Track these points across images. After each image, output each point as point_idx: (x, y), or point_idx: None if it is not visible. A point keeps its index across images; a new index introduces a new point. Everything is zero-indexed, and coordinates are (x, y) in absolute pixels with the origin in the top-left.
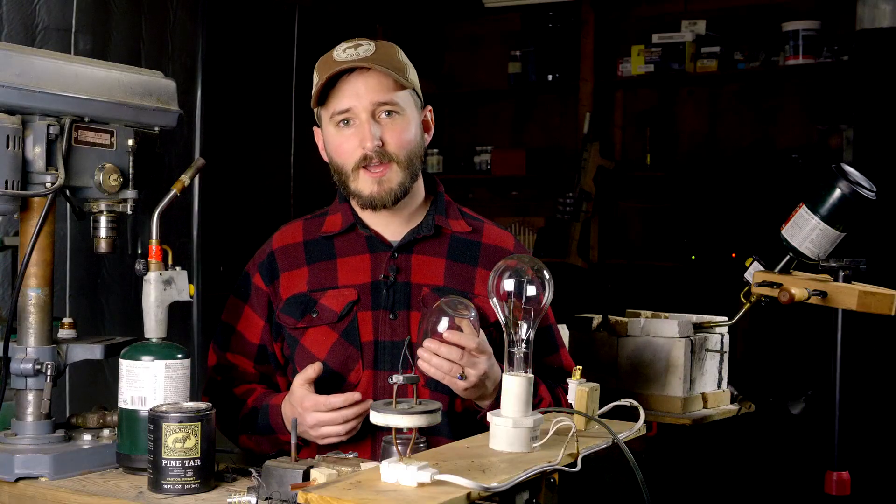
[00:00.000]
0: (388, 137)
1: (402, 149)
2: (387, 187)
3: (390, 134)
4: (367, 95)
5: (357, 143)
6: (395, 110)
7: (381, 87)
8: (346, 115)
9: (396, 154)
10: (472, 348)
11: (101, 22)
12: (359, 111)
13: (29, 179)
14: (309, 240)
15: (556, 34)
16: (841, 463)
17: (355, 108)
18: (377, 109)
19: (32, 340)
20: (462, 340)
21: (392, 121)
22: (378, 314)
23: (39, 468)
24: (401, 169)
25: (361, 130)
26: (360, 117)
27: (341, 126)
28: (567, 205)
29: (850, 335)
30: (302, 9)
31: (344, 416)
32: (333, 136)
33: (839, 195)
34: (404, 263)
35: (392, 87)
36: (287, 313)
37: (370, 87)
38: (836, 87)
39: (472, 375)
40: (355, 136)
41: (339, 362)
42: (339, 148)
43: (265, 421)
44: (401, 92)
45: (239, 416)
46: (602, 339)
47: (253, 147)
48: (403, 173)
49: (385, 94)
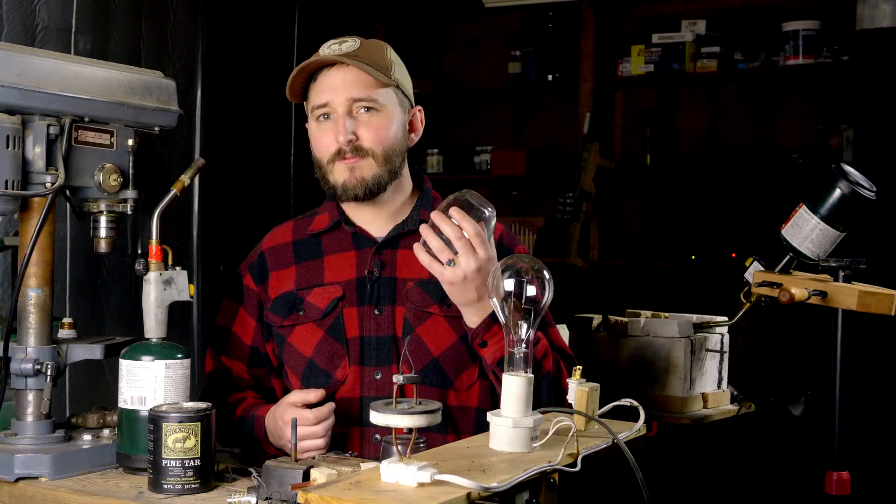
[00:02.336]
0: (362, 133)
1: (377, 144)
2: (358, 175)
3: (365, 129)
4: (344, 91)
5: (333, 136)
6: (373, 107)
7: (359, 83)
8: (325, 111)
9: (372, 149)
10: (470, 233)
11: (101, 22)
12: (335, 105)
13: (29, 179)
14: (298, 239)
15: (556, 34)
16: (841, 463)
17: (332, 103)
18: (354, 105)
19: (32, 340)
20: (463, 221)
21: (370, 116)
22: (363, 310)
23: (39, 468)
24: (376, 164)
25: (336, 124)
26: (337, 111)
27: (321, 120)
28: (567, 205)
29: (850, 335)
30: (302, 9)
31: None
32: (314, 131)
33: (839, 195)
34: (389, 259)
35: (372, 83)
36: (274, 312)
37: (348, 82)
38: (836, 87)
39: (460, 266)
40: (331, 130)
41: (326, 359)
42: (317, 142)
43: (250, 431)
44: (382, 89)
45: (229, 425)
46: (602, 339)
47: (253, 147)
48: (379, 168)
49: (362, 91)
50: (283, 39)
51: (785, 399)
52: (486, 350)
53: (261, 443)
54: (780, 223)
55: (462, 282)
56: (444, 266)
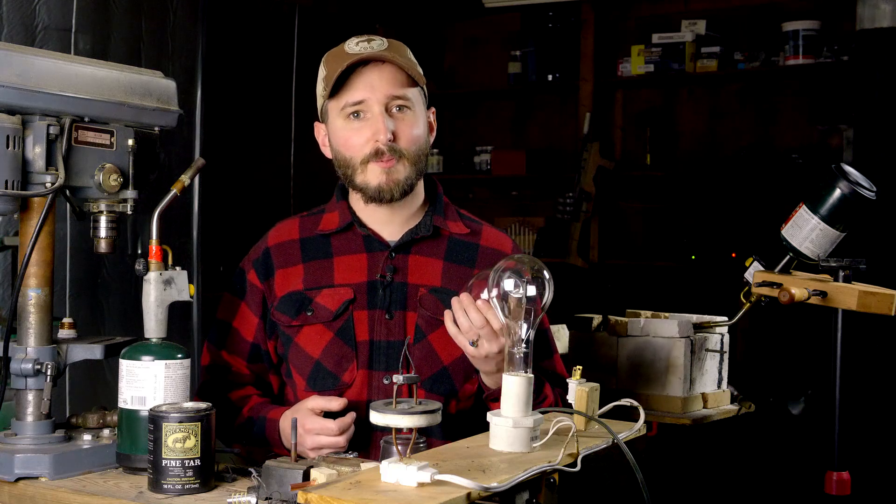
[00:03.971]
0: (400, 132)
1: (412, 144)
2: (395, 178)
3: (402, 129)
4: (382, 88)
5: (369, 135)
6: (406, 105)
7: (395, 81)
8: (359, 108)
9: (407, 149)
10: (494, 326)
11: (101, 22)
12: (372, 104)
13: (29, 179)
14: (305, 237)
15: (556, 34)
16: (841, 463)
17: (369, 101)
18: (390, 103)
19: (32, 340)
20: (489, 315)
21: (404, 115)
22: (374, 314)
23: (39, 468)
24: (409, 164)
25: (375, 123)
26: (373, 110)
27: (351, 119)
28: (567, 205)
29: (850, 335)
30: (302, 9)
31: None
32: (341, 129)
33: (839, 195)
34: (402, 264)
35: (405, 82)
36: (282, 311)
37: (385, 79)
38: (836, 87)
39: (483, 347)
40: (367, 128)
41: (334, 361)
42: (347, 141)
43: (261, 433)
44: (412, 88)
45: (234, 423)
46: (602, 339)
47: (253, 147)
48: (411, 169)
49: (399, 89)
50: (283, 39)
51: (785, 399)
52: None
53: (273, 445)
54: (780, 223)
55: (483, 359)
56: (467, 342)
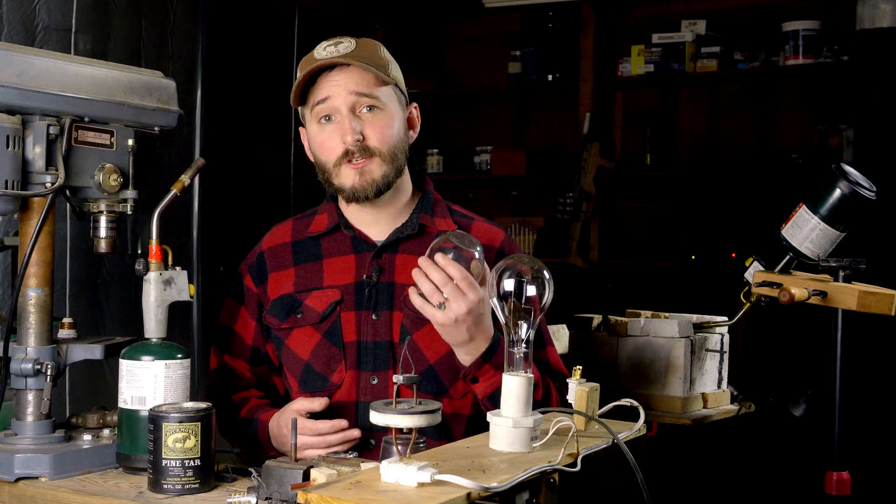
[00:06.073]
0: (368, 132)
1: (383, 143)
2: (368, 178)
3: (371, 128)
4: (347, 90)
5: (339, 138)
6: (376, 105)
7: (361, 82)
8: (327, 111)
9: (378, 148)
10: (457, 277)
11: (101, 22)
12: (339, 105)
13: (29, 179)
14: (297, 240)
15: (556, 34)
16: (841, 463)
17: (334, 101)
18: (357, 104)
19: (32, 340)
20: (448, 266)
21: (373, 115)
22: (361, 314)
23: (39, 468)
24: (383, 162)
25: (342, 125)
26: (341, 112)
27: (323, 122)
28: (567, 205)
29: (850, 335)
30: (302, 9)
31: (328, 442)
32: (316, 134)
33: (839, 195)
34: (388, 263)
35: (373, 82)
36: (273, 314)
37: (351, 82)
38: (836, 87)
39: (451, 309)
40: (336, 131)
41: (322, 363)
42: (322, 145)
43: (254, 434)
44: (382, 87)
45: (234, 424)
46: (602, 339)
47: (253, 147)
48: (387, 167)
49: (364, 89)
50: (283, 39)
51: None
52: (478, 385)
53: (265, 446)
54: (780, 223)
55: (453, 324)
56: (435, 308)
